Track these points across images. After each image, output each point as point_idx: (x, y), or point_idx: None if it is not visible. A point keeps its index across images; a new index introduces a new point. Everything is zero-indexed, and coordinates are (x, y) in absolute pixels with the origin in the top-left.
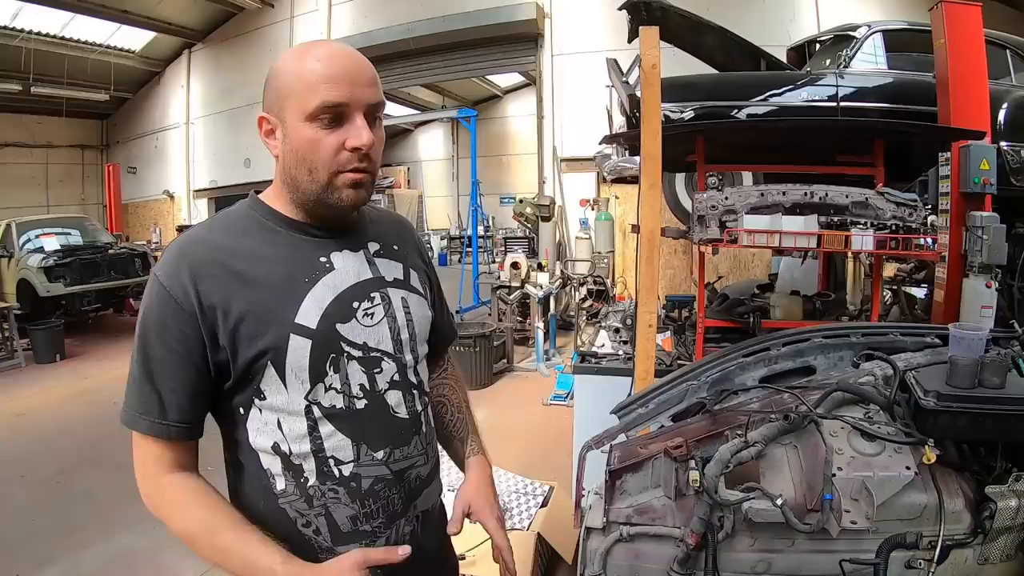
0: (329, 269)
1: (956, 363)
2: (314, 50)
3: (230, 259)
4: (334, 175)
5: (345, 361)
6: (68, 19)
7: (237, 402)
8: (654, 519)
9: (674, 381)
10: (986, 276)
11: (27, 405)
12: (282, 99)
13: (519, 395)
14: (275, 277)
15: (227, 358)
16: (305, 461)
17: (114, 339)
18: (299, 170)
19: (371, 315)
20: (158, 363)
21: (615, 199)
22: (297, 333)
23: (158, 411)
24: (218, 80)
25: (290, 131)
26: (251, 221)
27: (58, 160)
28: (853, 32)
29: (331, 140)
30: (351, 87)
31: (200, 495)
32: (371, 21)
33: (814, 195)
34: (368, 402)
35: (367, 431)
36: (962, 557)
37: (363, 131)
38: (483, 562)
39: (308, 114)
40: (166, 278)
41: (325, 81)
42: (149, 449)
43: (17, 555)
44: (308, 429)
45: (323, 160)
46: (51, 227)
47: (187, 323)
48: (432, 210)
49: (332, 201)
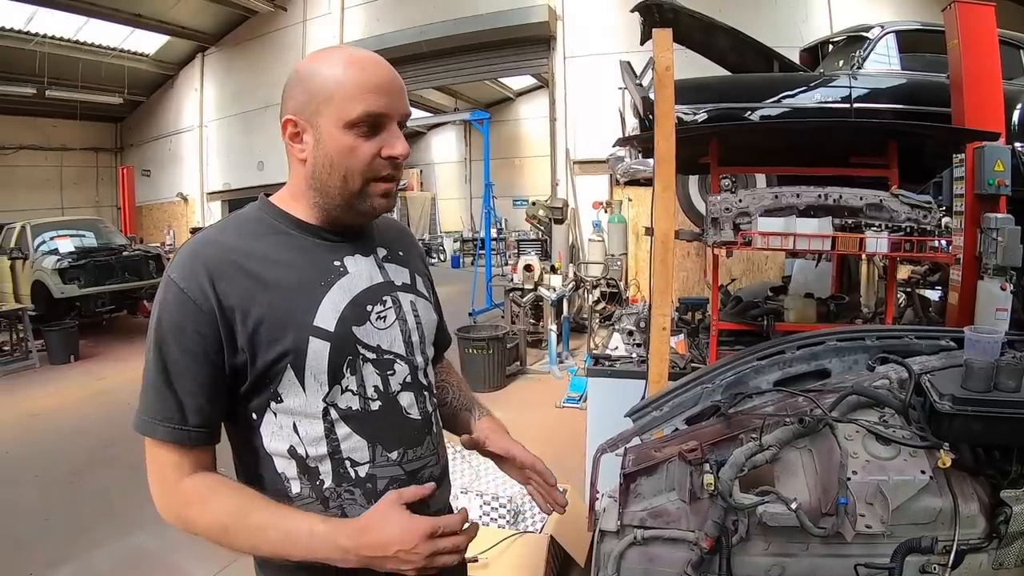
0: (343, 273)
1: (971, 366)
2: (354, 57)
3: (245, 260)
4: (368, 182)
5: (361, 363)
6: (82, 23)
7: (252, 406)
8: (668, 522)
9: (688, 384)
10: (1001, 278)
11: (41, 406)
12: (317, 103)
13: (532, 397)
14: (291, 280)
15: (245, 361)
16: (321, 463)
17: (128, 340)
18: (332, 176)
19: (384, 318)
20: (175, 365)
21: (628, 201)
22: (316, 336)
23: (178, 416)
24: (231, 83)
25: (325, 136)
26: (262, 224)
27: (73, 163)
28: (866, 33)
29: (368, 148)
30: (390, 97)
31: (225, 485)
32: (384, 24)
33: (828, 197)
34: (382, 403)
35: (382, 432)
36: (977, 562)
37: (399, 141)
38: (495, 564)
39: (348, 121)
40: (182, 279)
41: (368, 90)
42: (167, 457)
43: (30, 554)
44: (325, 431)
45: (359, 167)
46: (66, 229)
47: (205, 324)
48: (445, 212)
49: (363, 208)
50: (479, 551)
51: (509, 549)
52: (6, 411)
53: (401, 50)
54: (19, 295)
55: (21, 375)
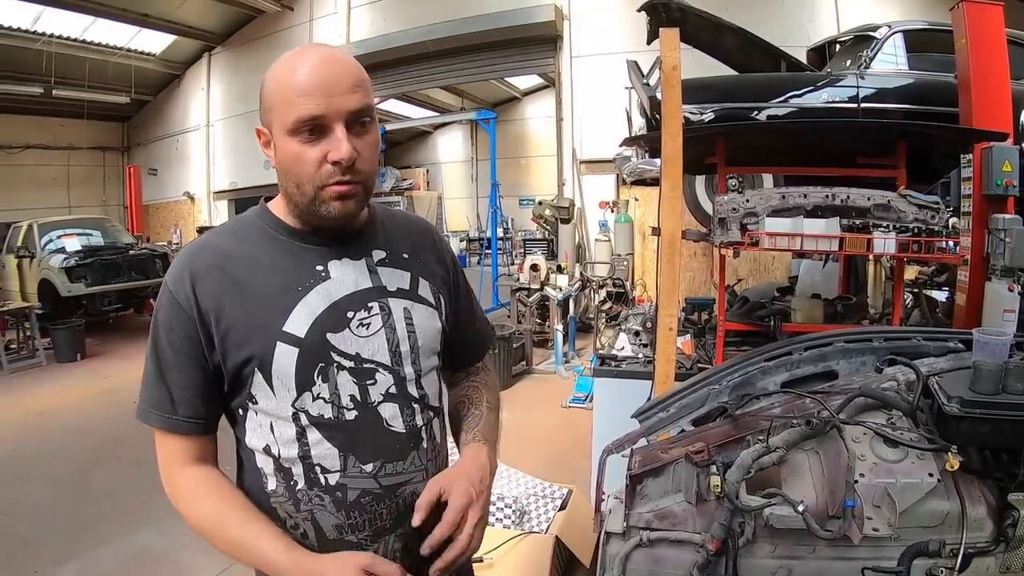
0: (325, 278)
1: (980, 368)
2: (292, 60)
3: (230, 265)
4: (319, 189)
5: (335, 371)
6: (89, 23)
7: (235, 404)
8: (674, 524)
9: (695, 385)
10: (1008, 279)
11: (47, 404)
12: (268, 112)
13: (538, 397)
14: (271, 285)
15: (219, 362)
16: (294, 465)
17: (134, 339)
18: (288, 183)
19: (367, 325)
20: (167, 361)
21: (635, 201)
22: (284, 341)
23: (169, 407)
24: (238, 83)
25: (277, 145)
26: (257, 229)
27: (80, 162)
28: (873, 32)
29: (313, 154)
30: (327, 97)
31: (211, 487)
32: (390, 24)
33: (835, 197)
34: (359, 413)
35: (356, 442)
36: (984, 565)
37: (342, 143)
38: (500, 565)
39: (289, 128)
40: (172, 283)
41: (300, 94)
42: (166, 444)
43: (36, 552)
44: (296, 435)
45: (307, 174)
46: (73, 228)
47: (189, 325)
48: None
49: (322, 213)
50: (484, 551)
51: (514, 549)
52: (12, 409)
53: (407, 49)
54: (26, 293)
55: (27, 373)
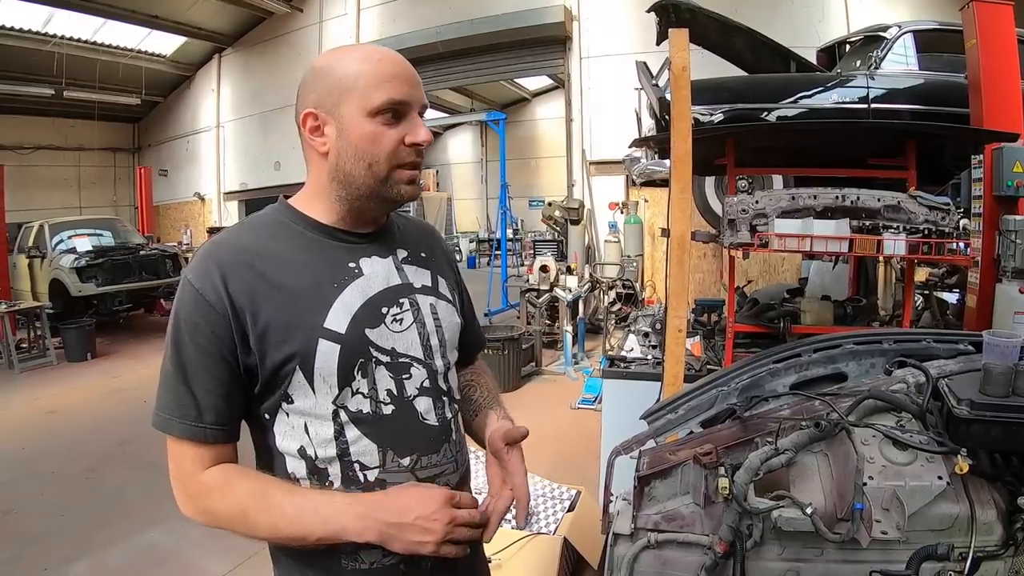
0: (358, 274)
1: (990, 371)
2: (373, 50)
3: (258, 262)
4: (393, 169)
5: (373, 366)
6: (99, 24)
7: (265, 406)
8: (682, 526)
9: (704, 387)
10: (1019, 281)
11: (58, 403)
12: (339, 94)
13: (547, 398)
14: (303, 281)
15: (256, 362)
16: (330, 465)
17: (144, 339)
18: (357, 164)
19: (400, 321)
20: (191, 364)
21: (644, 202)
22: (326, 338)
23: (194, 414)
24: (248, 84)
25: (348, 126)
26: (280, 225)
27: (90, 163)
28: (883, 33)
29: (393, 135)
30: (411, 87)
31: (246, 471)
32: (399, 25)
33: (846, 199)
34: (396, 408)
35: (394, 437)
36: (993, 569)
37: (422, 128)
38: (508, 565)
39: (372, 109)
40: (197, 280)
41: (391, 79)
42: (187, 452)
43: (46, 550)
44: (335, 434)
45: (384, 154)
46: (83, 228)
47: (219, 324)
48: (461, 213)
49: (390, 195)
50: (492, 552)
51: (522, 550)
52: (23, 408)
53: (417, 51)
54: (37, 293)
55: (38, 372)
